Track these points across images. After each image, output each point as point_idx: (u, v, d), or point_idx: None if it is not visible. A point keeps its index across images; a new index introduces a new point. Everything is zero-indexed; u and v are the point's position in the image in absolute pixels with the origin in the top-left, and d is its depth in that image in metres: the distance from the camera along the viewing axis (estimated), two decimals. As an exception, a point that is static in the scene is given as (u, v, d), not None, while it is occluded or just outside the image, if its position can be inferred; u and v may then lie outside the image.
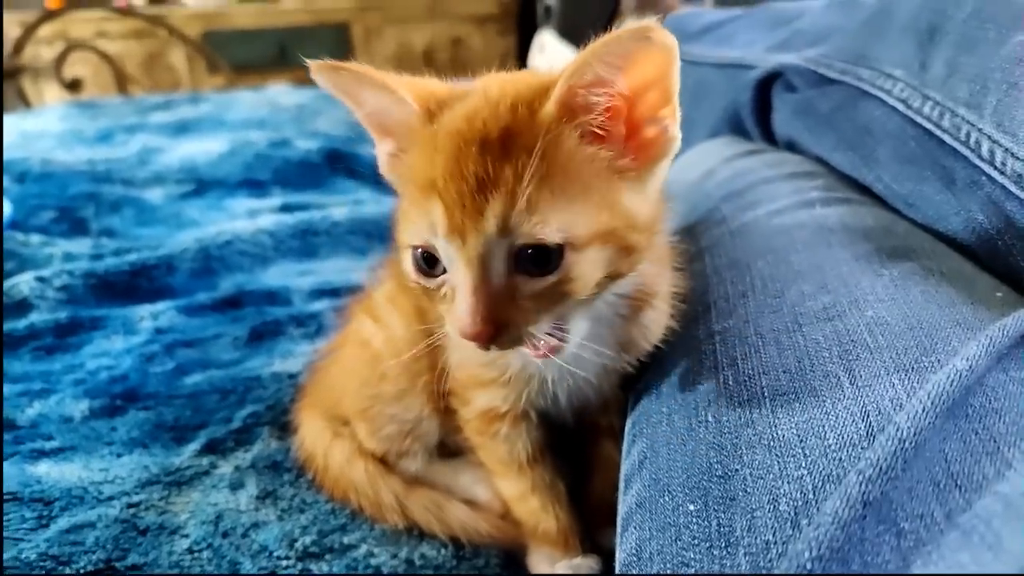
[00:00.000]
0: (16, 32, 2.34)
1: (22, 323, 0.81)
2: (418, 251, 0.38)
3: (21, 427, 0.65)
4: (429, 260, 0.38)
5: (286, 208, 1.19)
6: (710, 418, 0.38)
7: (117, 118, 1.72)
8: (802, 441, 0.33)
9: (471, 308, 0.34)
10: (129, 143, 1.50)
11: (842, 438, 0.31)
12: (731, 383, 0.39)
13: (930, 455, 0.29)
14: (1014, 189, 0.41)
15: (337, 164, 1.38)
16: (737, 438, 0.36)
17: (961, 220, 0.46)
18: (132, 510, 0.54)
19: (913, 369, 0.34)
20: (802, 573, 0.26)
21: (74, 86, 2.27)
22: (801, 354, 0.38)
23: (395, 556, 0.51)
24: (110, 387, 0.71)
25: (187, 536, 0.52)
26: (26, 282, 0.88)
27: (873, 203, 0.54)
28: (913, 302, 0.39)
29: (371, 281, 0.62)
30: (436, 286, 0.38)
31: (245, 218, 1.15)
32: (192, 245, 0.99)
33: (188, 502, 0.56)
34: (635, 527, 0.37)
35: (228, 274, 0.98)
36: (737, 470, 0.34)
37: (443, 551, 0.52)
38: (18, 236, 1.03)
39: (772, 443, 0.34)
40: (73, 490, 0.56)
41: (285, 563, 0.50)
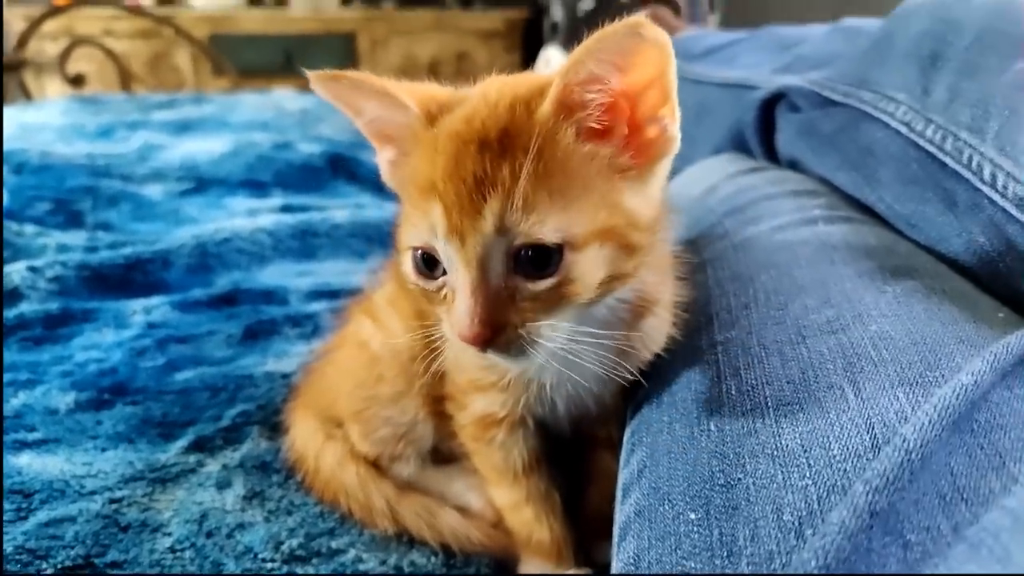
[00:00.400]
0: (21, 26, 2.34)
1: (12, 312, 0.80)
2: (418, 253, 0.38)
3: (4, 417, 0.63)
4: (429, 262, 0.38)
5: (287, 209, 1.19)
6: (712, 427, 0.38)
7: (119, 114, 1.72)
8: (806, 451, 0.32)
9: (469, 309, 0.34)
10: (130, 139, 1.49)
11: (847, 449, 0.31)
12: (734, 393, 0.39)
13: (936, 468, 0.29)
14: (1015, 213, 0.42)
15: (339, 168, 1.38)
16: (740, 447, 0.35)
17: (963, 242, 0.47)
18: (114, 506, 0.53)
19: (917, 383, 0.34)
20: None
21: (77, 81, 2.27)
22: (805, 365, 0.38)
23: (384, 562, 0.50)
24: (98, 380, 0.70)
25: (170, 534, 0.51)
26: (18, 272, 0.87)
27: (875, 223, 0.54)
28: (916, 318, 0.39)
29: (371, 284, 0.61)
30: (436, 288, 0.38)
31: (245, 217, 1.14)
32: (189, 241, 0.99)
33: (172, 500, 0.54)
34: (633, 536, 0.37)
35: (225, 271, 0.97)
36: (740, 479, 0.33)
37: (433, 559, 0.51)
38: (12, 226, 1.01)
39: (776, 453, 0.33)
40: (54, 483, 0.55)
41: (270, 565, 0.49)
